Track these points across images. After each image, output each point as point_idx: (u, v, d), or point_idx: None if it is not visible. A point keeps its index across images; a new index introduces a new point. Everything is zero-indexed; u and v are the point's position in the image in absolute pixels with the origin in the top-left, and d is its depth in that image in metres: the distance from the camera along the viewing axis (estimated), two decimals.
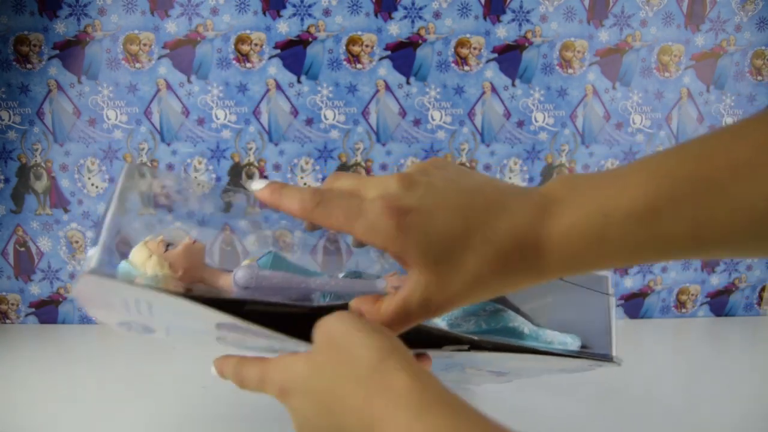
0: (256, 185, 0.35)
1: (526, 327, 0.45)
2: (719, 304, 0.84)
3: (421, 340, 0.38)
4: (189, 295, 0.34)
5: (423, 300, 0.32)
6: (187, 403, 0.57)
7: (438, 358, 0.43)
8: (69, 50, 0.70)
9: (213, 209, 0.43)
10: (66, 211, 0.74)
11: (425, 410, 0.27)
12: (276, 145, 0.74)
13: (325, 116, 0.74)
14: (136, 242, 0.39)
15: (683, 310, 0.84)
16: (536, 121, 0.76)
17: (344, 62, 0.72)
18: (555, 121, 0.76)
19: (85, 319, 0.77)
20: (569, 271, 0.32)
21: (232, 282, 0.38)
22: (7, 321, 0.77)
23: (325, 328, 0.33)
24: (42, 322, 0.77)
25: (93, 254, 0.34)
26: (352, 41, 0.72)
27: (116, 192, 0.37)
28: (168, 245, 0.39)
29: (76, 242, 0.75)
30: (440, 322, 0.43)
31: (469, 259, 0.31)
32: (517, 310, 0.48)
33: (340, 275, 0.42)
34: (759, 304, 0.85)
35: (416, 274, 0.32)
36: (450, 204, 0.32)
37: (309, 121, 0.74)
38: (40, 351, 0.70)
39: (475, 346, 0.40)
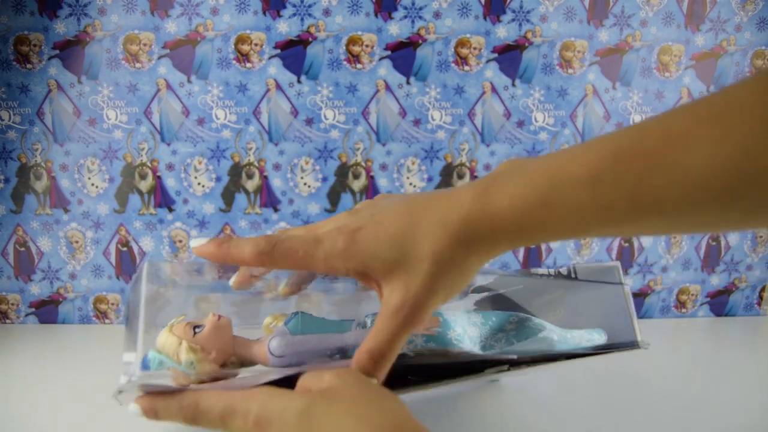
0: (196, 243, 0.36)
1: (554, 333, 0.45)
2: (719, 304, 0.84)
3: (464, 368, 0.38)
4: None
5: (401, 301, 0.33)
6: None
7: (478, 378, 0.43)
8: (69, 50, 0.70)
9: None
10: (66, 211, 0.74)
11: None
12: (276, 145, 0.74)
13: (325, 116, 0.74)
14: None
15: (683, 310, 0.84)
16: (536, 121, 0.76)
17: (344, 62, 0.72)
18: (555, 121, 0.76)
19: (85, 319, 0.77)
20: (518, 238, 0.33)
21: (267, 352, 0.38)
22: (7, 321, 0.77)
23: (333, 377, 0.32)
24: (42, 322, 0.77)
25: (135, 364, 0.34)
26: (352, 41, 0.72)
27: (143, 296, 0.36)
28: (195, 327, 0.38)
29: (76, 242, 0.75)
30: (474, 348, 0.43)
31: (424, 245, 0.33)
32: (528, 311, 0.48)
33: (368, 319, 0.42)
34: (759, 304, 0.85)
35: (382, 288, 0.34)
36: (394, 212, 0.34)
37: (309, 121, 0.74)
38: (40, 351, 0.70)
39: (515, 364, 0.40)
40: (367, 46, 0.72)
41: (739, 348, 0.76)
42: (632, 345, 0.45)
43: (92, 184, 0.74)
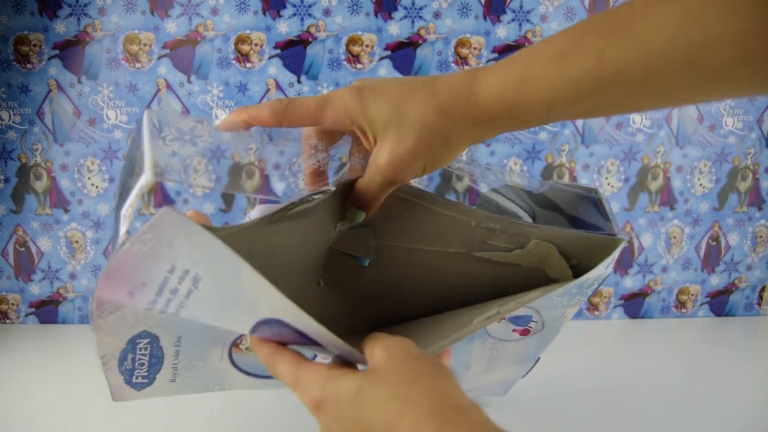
0: (219, 121, 0.42)
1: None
2: (719, 304, 0.84)
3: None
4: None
5: (387, 160, 0.38)
6: (187, 402, 0.57)
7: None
8: (69, 50, 0.70)
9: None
10: (66, 211, 0.74)
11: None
12: (276, 145, 0.74)
13: None
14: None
15: (683, 310, 0.84)
16: None
17: (344, 62, 0.73)
18: None
19: (85, 319, 0.77)
20: (499, 115, 0.37)
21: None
22: (7, 321, 0.77)
23: (383, 353, 0.34)
24: (42, 322, 0.77)
25: (142, 186, 0.34)
26: (352, 41, 0.72)
27: (146, 135, 0.38)
28: None
29: (76, 242, 0.75)
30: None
31: (415, 110, 0.37)
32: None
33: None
34: (759, 304, 0.85)
35: (376, 145, 0.39)
36: (396, 81, 0.39)
37: None
38: (40, 351, 0.70)
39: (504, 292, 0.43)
40: (367, 46, 0.72)
41: (739, 348, 0.76)
42: (611, 235, 0.45)
43: (92, 184, 0.74)
